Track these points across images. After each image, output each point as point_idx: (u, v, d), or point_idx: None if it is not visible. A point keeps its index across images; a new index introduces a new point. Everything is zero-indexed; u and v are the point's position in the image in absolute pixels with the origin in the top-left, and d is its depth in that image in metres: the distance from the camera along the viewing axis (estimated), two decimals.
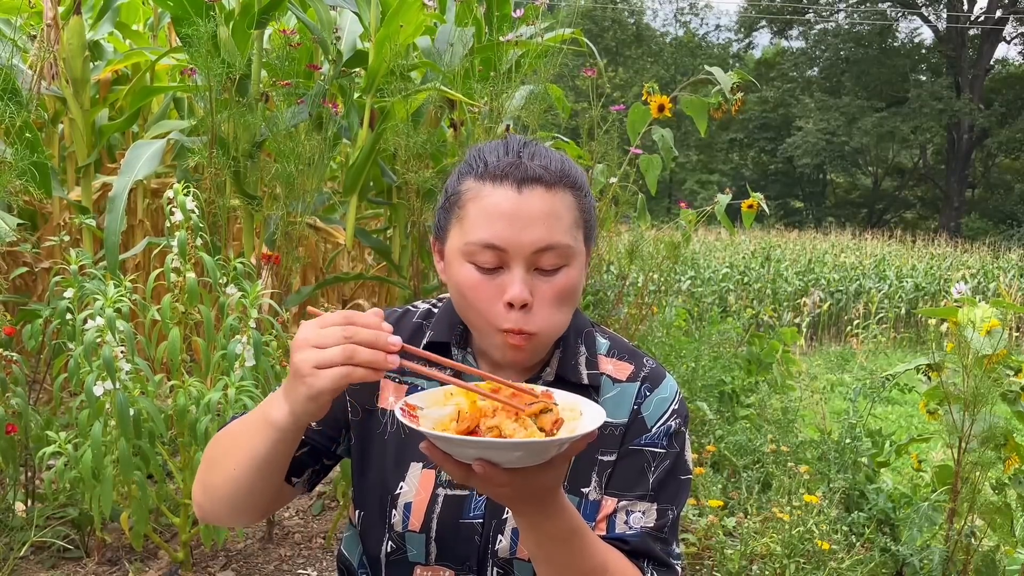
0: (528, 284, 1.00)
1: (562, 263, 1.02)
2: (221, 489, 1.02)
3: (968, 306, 2.41)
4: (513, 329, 1.00)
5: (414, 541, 1.08)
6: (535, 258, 1.00)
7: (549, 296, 1.02)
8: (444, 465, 0.83)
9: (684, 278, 9.43)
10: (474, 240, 1.00)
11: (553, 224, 1.00)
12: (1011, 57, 43.62)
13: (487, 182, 1.01)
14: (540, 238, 0.99)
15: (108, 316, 2.24)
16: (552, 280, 1.02)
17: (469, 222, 1.01)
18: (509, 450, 0.80)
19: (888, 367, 7.65)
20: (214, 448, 1.06)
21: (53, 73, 3.69)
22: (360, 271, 4.43)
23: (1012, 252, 16.71)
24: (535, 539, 0.94)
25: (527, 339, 1.01)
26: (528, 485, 0.84)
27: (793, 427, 3.67)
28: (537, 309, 1.01)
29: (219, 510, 1.05)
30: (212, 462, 1.05)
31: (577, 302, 1.08)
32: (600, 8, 33.09)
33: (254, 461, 0.97)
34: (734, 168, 35.10)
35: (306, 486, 1.12)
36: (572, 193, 1.04)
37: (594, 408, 0.89)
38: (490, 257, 1.00)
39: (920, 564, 2.50)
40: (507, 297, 0.99)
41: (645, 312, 4.19)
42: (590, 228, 1.08)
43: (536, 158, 1.02)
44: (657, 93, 3.60)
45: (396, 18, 3.44)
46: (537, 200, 1.00)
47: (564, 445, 0.82)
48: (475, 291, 1.01)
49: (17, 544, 2.59)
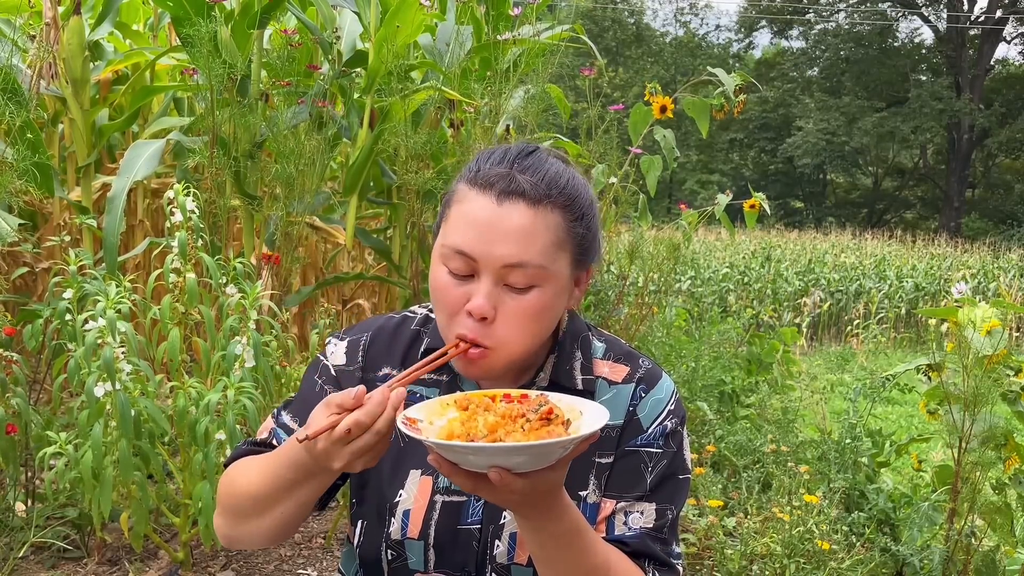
0: (492, 298, 0.98)
1: (532, 283, 0.99)
2: (262, 527, 1.04)
3: (968, 306, 2.41)
4: (467, 336, 0.98)
5: (413, 548, 1.07)
6: (504, 273, 0.98)
7: (513, 313, 0.99)
8: (452, 476, 0.83)
9: (684, 278, 9.43)
10: (449, 244, 1.00)
11: (528, 242, 0.97)
12: (1011, 57, 43.59)
13: (474, 188, 1.00)
14: (511, 254, 0.97)
15: (109, 317, 2.24)
16: (520, 298, 0.99)
17: (450, 224, 1.01)
18: (521, 453, 0.80)
19: (888, 367, 7.65)
20: (242, 490, 1.04)
21: (53, 73, 3.69)
22: (360, 271, 4.42)
23: (1012, 252, 16.71)
24: (539, 541, 0.94)
25: (482, 354, 0.99)
26: (536, 489, 0.84)
27: (793, 427, 3.67)
28: (499, 324, 0.99)
29: (253, 541, 1.08)
30: (242, 507, 1.05)
31: (549, 325, 1.04)
32: (600, 8, 33.08)
33: (301, 507, 1.01)
34: (734, 168, 35.07)
35: (319, 505, 1.12)
36: (561, 213, 1.00)
37: (595, 407, 0.90)
38: (461, 264, 0.99)
39: (920, 564, 2.50)
40: (468, 307, 0.98)
41: (645, 312, 4.19)
42: (582, 252, 1.04)
43: (529, 171, 1.00)
44: (659, 94, 3.61)
45: (396, 18, 3.44)
46: (516, 215, 0.97)
47: (572, 443, 0.82)
48: (442, 293, 1.01)
49: (17, 544, 2.59)
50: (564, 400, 0.92)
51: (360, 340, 1.15)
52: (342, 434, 0.86)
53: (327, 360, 1.15)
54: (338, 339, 1.17)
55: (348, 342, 1.15)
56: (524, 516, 0.91)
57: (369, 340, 1.15)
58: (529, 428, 0.84)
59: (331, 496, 1.13)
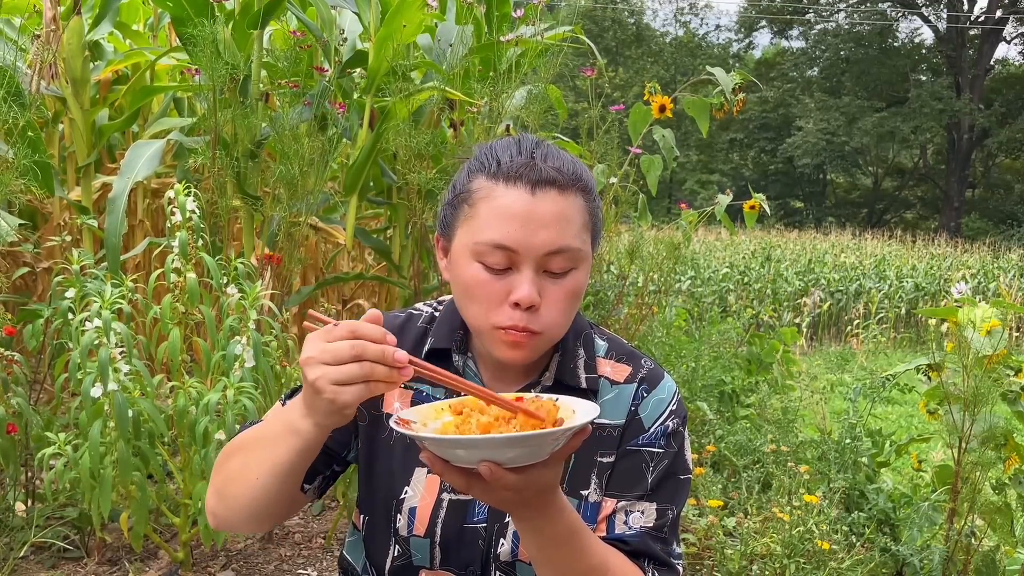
0: (537, 286, 1.00)
1: (571, 266, 1.02)
2: (242, 498, 1.02)
3: (968, 306, 2.41)
4: (517, 326, 1.00)
5: (419, 546, 1.08)
6: (545, 260, 1.00)
7: (557, 298, 1.02)
8: (444, 474, 0.83)
9: (684, 278, 9.43)
10: (484, 240, 1.00)
11: (564, 227, 1.00)
12: (1011, 57, 43.64)
13: (499, 182, 1.00)
14: (552, 241, 0.99)
15: (105, 318, 2.24)
16: (561, 282, 1.02)
17: (480, 221, 1.01)
18: (511, 445, 0.80)
19: (888, 367, 7.65)
20: (231, 458, 1.05)
21: (53, 73, 3.69)
22: (360, 271, 4.42)
23: (1012, 252, 16.71)
24: (536, 542, 0.94)
25: (529, 336, 1.01)
26: (529, 487, 0.84)
27: (793, 427, 3.67)
28: (544, 310, 1.01)
29: (236, 518, 1.05)
30: (230, 471, 1.04)
31: (580, 304, 1.08)
32: (600, 8, 33.08)
33: (277, 468, 0.97)
34: (734, 168, 35.08)
35: (316, 493, 1.12)
36: (583, 196, 1.03)
37: (586, 404, 0.90)
38: (500, 258, 1.00)
39: (920, 564, 2.50)
40: (514, 297, 0.99)
41: (645, 312, 4.19)
42: (597, 230, 1.08)
43: (549, 159, 1.02)
44: (659, 93, 3.61)
45: (396, 18, 3.44)
46: (550, 203, 0.99)
47: (563, 436, 0.82)
48: (481, 289, 1.01)
49: (17, 544, 2.59)
50: (561, 401, 0.92)
51: None
52: (344, 335, 0.83)
53: None
54: None
55: None
56: (520, 516, 0.91)
57: None
58: (521, 426, 0.85)
59: (327, 486, 1.13)
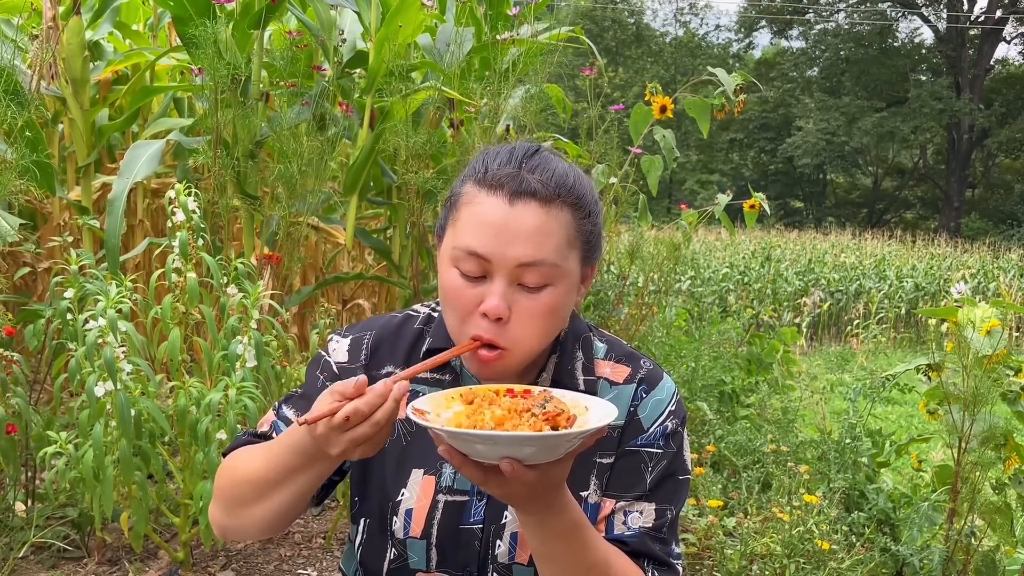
0: (507, 298, 0.98)
1: (546, 282, 1.00)
2: (259, 515, 1.03)
3: (968, 306, 2.41)
4: (483, 337, 0.99)
5: (415, 548, 1.08)
6: (518, 273, 0.98)
7: (529, 314, 1.00)
8: (463, 468, 0.83)
9: (684, 278, 9.43)
10: (460, 246, 1.00)
11: (541, 241, 0.98)
12: (1011, 57, 43.59)
13: (483, 189, 1.00)
14: (525, 254, 0.97)
15: (110, 317, 2.24)
16: (535, 297, 1.00)
17: (460, 226, 1.01)
18: (531, 443, 0.81)
19: (888, 367, 7.65)
20: (238, 479, 1.05)
21: (53, 73, 3.69)
22: (360, 271, 4.42)
23: (1012, 252, 16.71)
24: (540, 537, 0.94)
25: (498, 356, 1.00)
26: (542, 482, 0.85)
27: (793, 427, 3.67)
28: (514, 324, 0.99)
29: (247, 532, 1.08)
30: (243, 494, 1.04)
31: (560, 323, 1.06)
32: (600, 8, 33.07)
33: (296, 492, 0.99)
34: (734, 168, 35.08)
35: (315, 502, 1.12)
36: (570, 211, 1.01)
37: (601, 403, 0.90)
38: (474, 265, 0.99)
39: (920, 564, 2.50)
40: (483, 308, 0.98)
41: (645, 312, 4.19)
42: (590, 249, 1.05)
43: (537, 171, 1.00)
44: (660, 94, 3.61)
45: (396, 18, 3.44)
46: (529, 215, 0.98)
47: (582, 438, 0.83)
48: (454, 296, 1.01)
49: (17, 544, 2.59)
50: (568, 396, 0.93)
51: (363, 338, 1.15)
52: (341, 421, 0.86)
53: (329, 357, 1.15)
54: (340, 336, 1.17)
55: (351, 340, 1.16)
56: (527, 511, 0.91)
57: (372, 338, 1.15)
58: (535, 423, 0.85)
59: (327, 493, 1.13)
